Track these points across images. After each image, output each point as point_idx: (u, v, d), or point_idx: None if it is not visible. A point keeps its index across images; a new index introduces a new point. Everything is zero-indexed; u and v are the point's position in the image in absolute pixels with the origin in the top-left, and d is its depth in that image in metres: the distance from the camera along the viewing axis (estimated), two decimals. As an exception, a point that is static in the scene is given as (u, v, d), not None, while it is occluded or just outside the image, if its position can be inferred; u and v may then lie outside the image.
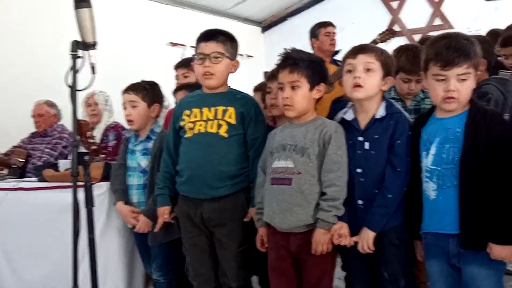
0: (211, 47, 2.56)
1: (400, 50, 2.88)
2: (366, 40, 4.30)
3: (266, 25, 8.25)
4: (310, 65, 2.31)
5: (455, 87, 2.02)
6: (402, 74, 2.82)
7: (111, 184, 3.06)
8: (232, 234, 2.54)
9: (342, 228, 2.20)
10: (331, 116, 2.48)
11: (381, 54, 2.27)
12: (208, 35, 2.60)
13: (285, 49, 2.37)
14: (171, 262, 2.99)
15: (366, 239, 2.17)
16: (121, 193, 2.99)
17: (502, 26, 4.64)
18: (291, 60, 2.31)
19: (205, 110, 2.57)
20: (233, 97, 2.62)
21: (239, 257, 2.55)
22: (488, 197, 1.97)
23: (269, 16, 8.20)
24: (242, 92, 2.70)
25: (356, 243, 2.21)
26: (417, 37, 6.03)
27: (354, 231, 2.22)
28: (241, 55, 7.36)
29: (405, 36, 6.81)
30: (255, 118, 2.58)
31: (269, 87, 2.90)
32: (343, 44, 2.37)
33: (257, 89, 3.31)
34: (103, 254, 2.84)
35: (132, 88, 3.02)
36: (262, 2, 7.47)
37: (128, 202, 2.98)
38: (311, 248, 2.22)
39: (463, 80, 2.03)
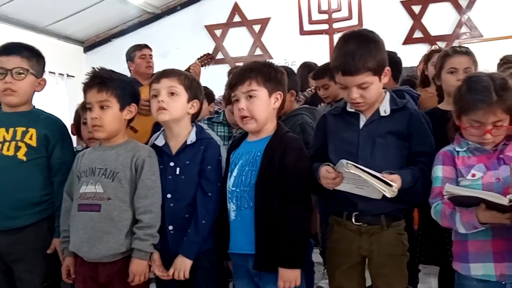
0: (13, 61, 2.34)
1: None
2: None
3: (89, 45, 7.96)
4: (120, 85, 2.24)
5: (244, 105, 2.11)
6: (232, 107, 2.93)
7: None
8: (33, 270, 2.32)
9: (155, 256, 2.17)
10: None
11: (185, 78, 2.29)
12: (10, 49, 2.38)
13: (93, 68, 2.28)
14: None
15: (183, 268, 2.15)
16: None
17: (314, 58, 5.07)
18: (99, 79, 2.21)
19: (2, 130, 2.34)
20: (36, 117, 2.42)
21: None
22: (280, 221, 2.03)
23: (92, 36, 7.93)
24: (47, 113, 2.50)
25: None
26: (240, 65, 6.28)
27: (164, 258, 2.20)
28: (61, 74, 7.07)
29: (228, 64, 7.07)
30: (62, 141, 2.41)
31: (84, 118, 2.67)
32: (168, 68, 2.38)
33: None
34: None
35: None
36: (85, 21, 7.17)
37: None
38: (122, 277, 2.13)
39: (251, 97, 2.12)
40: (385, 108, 2.11)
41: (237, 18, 7.42)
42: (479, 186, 1.88)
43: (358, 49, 2.01)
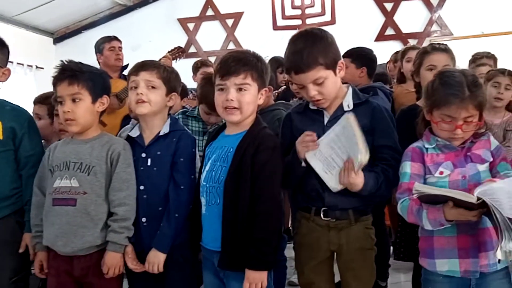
0: None
1: (205, 79, 2.95)
2: (163, 57, 4.37)
3: (59, 36, 7.81)
4: (91, 77, 2.20)
5: (234, 97, 2.03)
6: (205, 106, 2.92)
7: None
8: (2, 264, 2.29)
9: (129, 249, 2.16)
10: (123, 132, 2.40)
11: (163, 71, 2.27)
12: None
13: (61, 61, 2.23)
14: None
15: (157, 262, 2.14)
16: None
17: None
18: (69, 71, 2.18)
19: None
20: (1, 108, 2.37)
21: None
22: (248, 221, 1.98)
23: (62, 27, 7.79)
24: (13, 104, 2.44)
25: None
26: (212, 59, 6.26)
27: (138, 250, 2.19)
28: (30, 66, 6.93)
29: (201, 58, 7.03)
30: (29, 133, 2.37)
31: (56, 110, 2.65)
32: (140, 61, 2.36)
33: (38, 101, 3.05)
34: None
35: None
36: (55, 12, 7.03)
37: None
38: (97, 270, 2.12)
39: (241, 90, 2.03)
40: (348, 103, 2.12)
41: (210, 12, 7.39)
42: (445, 183, 1.92)
43: (306, 46, 2.02)
